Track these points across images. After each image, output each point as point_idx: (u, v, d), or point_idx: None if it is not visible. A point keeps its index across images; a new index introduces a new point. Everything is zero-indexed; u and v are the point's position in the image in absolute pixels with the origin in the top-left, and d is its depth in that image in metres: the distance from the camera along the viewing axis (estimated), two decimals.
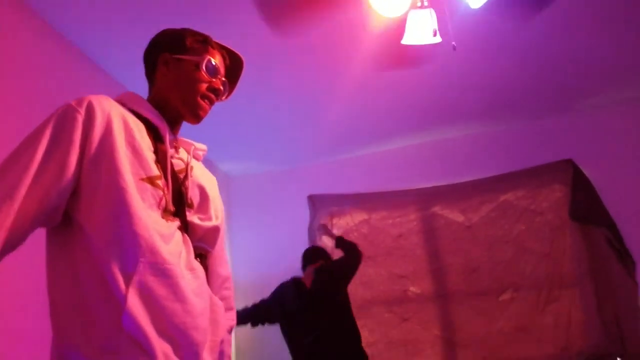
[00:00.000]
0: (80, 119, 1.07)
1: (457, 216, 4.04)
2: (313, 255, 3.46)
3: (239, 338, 4.16)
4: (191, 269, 1.12)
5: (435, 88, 3.46)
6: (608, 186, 3.79)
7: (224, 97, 1.34)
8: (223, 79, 1.31)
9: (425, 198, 4.12)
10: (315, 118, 3.76)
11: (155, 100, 1.27)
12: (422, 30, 2.23)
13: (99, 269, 1.00)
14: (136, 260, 1.00)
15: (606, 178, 3.82)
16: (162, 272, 1.02)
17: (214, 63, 1.27)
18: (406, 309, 3.89)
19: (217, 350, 1.14)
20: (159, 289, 1.01)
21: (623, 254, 3.60)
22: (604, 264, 3.62)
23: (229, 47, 1.37)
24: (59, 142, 1.04)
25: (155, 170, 1.11)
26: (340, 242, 3.50)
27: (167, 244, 1.07)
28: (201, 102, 1.26)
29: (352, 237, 4.14)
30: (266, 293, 4.20)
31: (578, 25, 2.89)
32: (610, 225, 3.67)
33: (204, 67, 1.25)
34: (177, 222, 1.14)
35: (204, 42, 1.30)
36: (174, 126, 1.29)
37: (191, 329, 1.05)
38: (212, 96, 1.28)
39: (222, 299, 1.30)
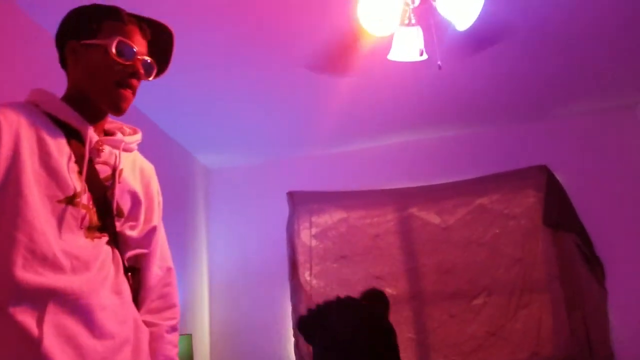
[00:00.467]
0: None
1: (433, 218, 3.95)
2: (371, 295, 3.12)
3: (214, 330, 4.05)
4: (118, 292, 1.01)
5: (416, 91, 3.37)
6: (580, 193, 3.76)
7: (151, 77, 1.14)
8: (145, 57, 1.10)
9: (402, 199, 4.02)
10: (297, 114, 3.62)
11: (71, 95, 1.09)
12: (409, 47, 2.09)
13: (7, 312, 0.88)
14: (46, 300, 0.89)
15: (578, 185, 3.80)
16: (77, 308, 0.92)
17: (126, 43, 1.06)
18: None
19: None
20: (74, 327, 0.92)
21: (592, 260, 3.58)
22: (573, 270, 3.58)
23: (149, 18, 1.14)
24: None
25: (75, 186, 0.98)
26: None
27: (89, 270, 0.96)
28: (120, 90, 1.06)
29: (330, 236, 4.06)
30: (243, 287, 4.11)
31: (555, 37, 2.82)
32: (581, 232, 3.64)
33: (114, 51, 1.04)
34: (105, 238, 1.02)
35: (115, 19, 1.08)
36: (97, 121, 1.11)
37: None
38: (132, 81, 1.08)
39: (162, 296, 1.19)
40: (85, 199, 1.00)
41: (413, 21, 2.03)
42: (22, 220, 0.91)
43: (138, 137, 1.20)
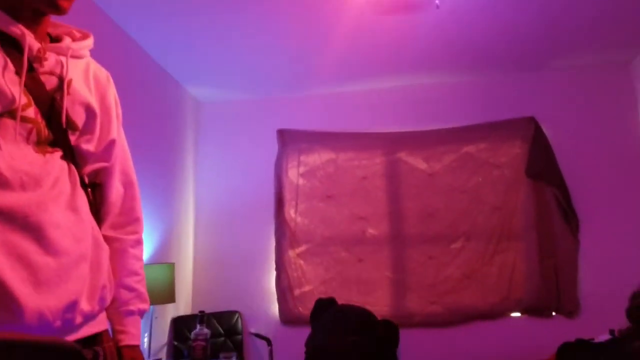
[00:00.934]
0: None
1: (420, 163, 3.93)
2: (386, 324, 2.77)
3: (197, 260, 4.07)
4: (74, 209, 0.95)
5: (411, 35, 3.24)
6: (564, 146, 3.76)
7: None
8: None
9: (392, 143, 3.98)
10: (292, 53, 3.47)
11: None
12: None
13: None
14: None
15: (564, 138, 3.79)
16: (27, 225, 0.86)
17: None
18: (362, 249, 3.84)
19: (97, 297, 0.98)
20: (25, 244, 0.85)
21: (569, 213, 3.62)
22: (549, 221, 3.64)
23: None
24: None
25: (16, 99, 0.89)
26: None
27: (40, 186, 0.89)
28: None
29: (317, 175, 4.02)
30: (228, 220, 4.09)
31: None
32: (561, 185, 3.66)
33: None
34: (58, 153, 0.95)
35: None
36: (37, 25, 0.97)
37: (66, 281, 0.90)
38: None
39: (125, 211, 1.14)
40: (32, 112, 0.92)
41: None
42: None
43: (89, 42, 1.07)
